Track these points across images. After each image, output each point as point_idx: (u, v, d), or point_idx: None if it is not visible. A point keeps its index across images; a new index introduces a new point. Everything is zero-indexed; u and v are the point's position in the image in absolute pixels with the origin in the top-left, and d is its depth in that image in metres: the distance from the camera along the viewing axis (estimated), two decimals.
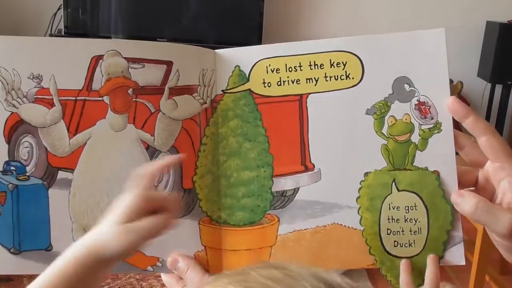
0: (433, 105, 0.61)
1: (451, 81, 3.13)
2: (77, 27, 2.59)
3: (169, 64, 0.62)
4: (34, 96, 0.59)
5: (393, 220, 0.61)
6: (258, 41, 2.59)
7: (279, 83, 0.63)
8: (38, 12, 2.71)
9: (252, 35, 2.59)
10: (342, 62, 0.62)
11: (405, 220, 0.61)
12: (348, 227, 0.62)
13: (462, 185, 0.59)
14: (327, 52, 0.63)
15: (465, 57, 2.85)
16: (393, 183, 0.61)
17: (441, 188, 0.60)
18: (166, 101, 0.62)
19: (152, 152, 0.62)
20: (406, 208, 0.61)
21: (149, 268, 0.63)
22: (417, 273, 0.61)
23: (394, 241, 0.61)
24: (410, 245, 0.61)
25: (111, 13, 2.59)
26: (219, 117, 0.64)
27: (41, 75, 0.59)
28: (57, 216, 0.60)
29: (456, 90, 2.64)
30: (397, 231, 0.61)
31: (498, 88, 2.91)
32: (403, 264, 0.61)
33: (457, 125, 0.60)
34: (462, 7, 2.88)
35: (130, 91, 0.61)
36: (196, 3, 2.61)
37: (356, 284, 0.41)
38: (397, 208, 0.61)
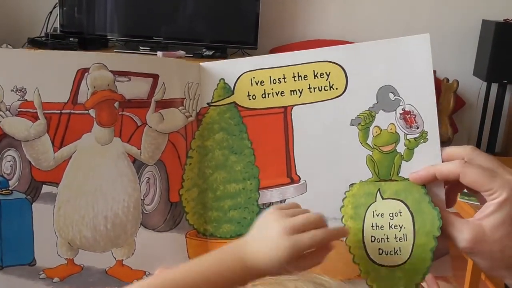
0: (418, 114, 0.60)
1: (447, 80, 3.11)
2: (72, 26, 2.57)
3: (155, 77, 0.61)
4: (18, 109, 0.58)
5: (377, 227, 0.59)
6: (254, 41, 2.57)
7: (263, 95, 0.63)
8: (33, 11, 2.69)
9: (248, 35, 2.57)
10: (326, 73, 0.62)
11: (390, 227, 0.59)
12: None
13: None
14: (310, 63, 0.63)
15: (461, 55, 2.85)
16: (378, 192, 0.60)
17: (428, 195, 0.58)
18: (152, 114, 0.62)
19: (139, 166, 0.61)
20: (391, 214, 0.59)
21: (135, 282, 0.62)
22: (406, 283, 0.58)
23: (379, 248, 0.59)
24: (395, 252, 0.58)
25: (107, 12, 2.58)
26: (205, 130, 0.64)
27: (25, 88, 0.58)
28: (41, 231, 0.59)
29: (452, 88, 2.63)
30: (381, 238, 0.59)
31: (494, 87, 2.91)
32: None
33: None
34: (458, 6, 2.87)
35: (116, 104, 0.60)
36: (192, 3, 2.60)
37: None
38: (381, 215, 0.59)
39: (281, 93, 0.63)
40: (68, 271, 0.60)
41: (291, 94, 0.63)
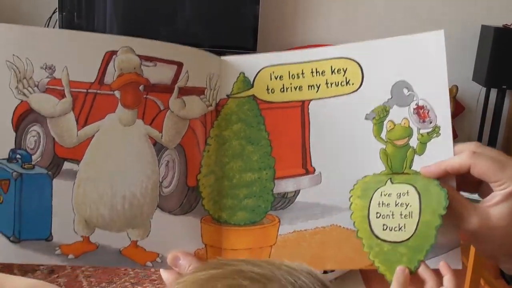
0: (431, 109, 0.63)
1: None
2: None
3: (179, 65, 0.63)
4: (46, 86, 0.60)
5: (383, 205, 0.60)
6: (253, 45, 2.56)
7: (282, 89, 0.65)
8: (33, 16, 2.69)
9: (247, 38, 2.57)
10: (343, 69, 0.65)
11: (396, 205, 0.60)
12: (347, 228, 0.63)
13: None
14: (328, 59, 0.65)
15: (460, 61, 2.85)
16: (389, 179, 0.62)
17: (437, 180, 0.60)
18: (175, 100, 0.63)
19: (159, 149, 0.63)
20: (398, 194, 0.60)
21: (148, 263, 0.63)
22: (408, 259, 0.59)
23: (383, 224, 0.60)
24: (400, 229, 0.59)
25: (106, 17, 2.59)
26: (223, 120, 0.66)
27: (54, 66, 0.60)
28: (59, 207, 0.60)
29: (451, 94, 2.65)
30: (386, 215, 0.60)
31: (493, 92, 2.90)
32: (397, 272, 0.59)
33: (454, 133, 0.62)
34: (457, 11, 2.88)
35: (141, 87, 0.62)
36: (191, 7, 2.60)
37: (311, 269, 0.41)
38: (388, 195, 0.61)
39: (299, 88, 0.65)
40: (83, 249, 0.61)
41: (309, 89, 0.65)
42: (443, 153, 0.61)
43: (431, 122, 0.63)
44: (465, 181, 0.61)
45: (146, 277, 2.18)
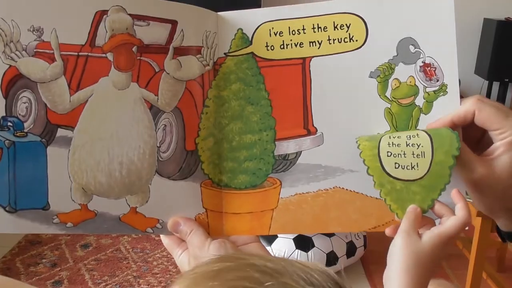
0: (439, 67, 0.61)
1: None
2: None
3: (174, 23, 0.61)
4: (34, 50, 0.57)
5: (394, 145, 0.59)
6: None
7: (282, 46, 0.63)
8: None
9: None
10: (346, 24, 0.62)
11: (407, 145, 0.58)
12: (350, 190, 0.62)
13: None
14: (330, 14, 0.62)
15: (462, 54, 2.83)
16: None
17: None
18: (170, 61, 0.61)
19: (155, 112, 0.61)
20: (408, 136, 0.59)
21: (149, 229, 0.62)
22: (422, 198, 0.58)
23: (395, 163, 0.58)
24: (412, 167, 0.58)
25: None
26: (221, 80, 0.63)
27: (42, 28, 0.57)
28: (55, 175, 0.58)
29: None
30: (398, 154, 0.58)
31: (495, 86, 2.92)
32: (408, 211, 0.58)
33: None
34: (459, 4, 2.86)
35: (134, 48, 0.59)
36: (193, 2, 2.56)
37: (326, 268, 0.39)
38: (398, 137, 0.59)
39: (300, 44, 0.63)
40: (81, 217, 0.60)
41: (310, 46, 0.63)
42: (449, 112, 0.59)
43: (437, 80, 0.61)
44: (465, 138, 0.60)
45: (148, 271, 2.20)
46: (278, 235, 1.97)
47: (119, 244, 2.39)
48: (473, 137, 0.60)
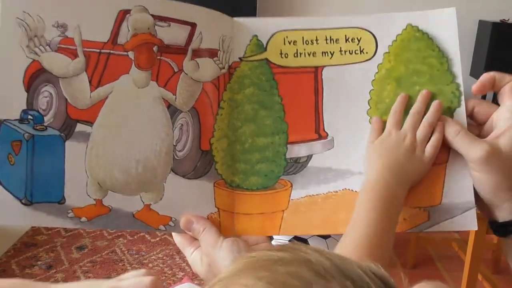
0: None
1: None
2: None
3: (193, 25, 0.62)
4: (58, 45, 0.58)
5: None
6: None
7: (295, 54, 0.65)
8: None
9: None
10: (357, 38, 0.65)
11: None
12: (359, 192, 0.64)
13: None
14: (342, 28, 0.65)
15: None
16: None
17: None
18: (189, 62, 0.62)
19: (173, 111, 0.62)
20: None
21: (161, 227, 0.62)
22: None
23: None
24: None
25: None
26: (235, 84, 0.65)
27: (66, 24, 0.58)
28: (72, 169, 0.59)
29: None
30: None
31: None
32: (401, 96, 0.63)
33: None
34: (454, 6, 2.88)
35: (155, 48, 0.61)
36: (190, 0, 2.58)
37: (381, 271, 0.37)
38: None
39: (313, 54, 0.65)
40: (96, 212, 0.60)
41: (322, 56, 0.65)
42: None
43: None
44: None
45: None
46: (274, 236, 1.97)
47: (114, 246, 2.38)
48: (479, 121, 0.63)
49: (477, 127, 0.63)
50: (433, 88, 0.64)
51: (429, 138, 0.62)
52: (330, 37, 0.66)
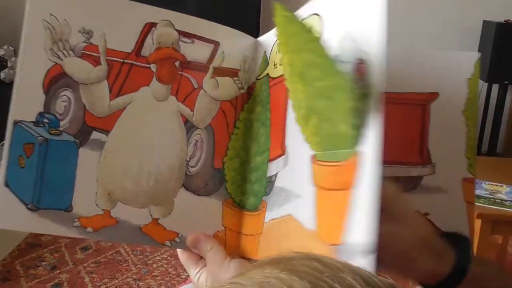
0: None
1: None
2: None
3: (216, 44, 0.63)
4: (81, 51, 0.58)
5: None
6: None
7: (280, 63, 0.61)
8: None
9: (249, 33, 2.58)
10: None
11: None
12: (297, 220, 0.55)
13: None
14: None
15: None
16: None
17: None
18: (209, 80, 0.62)
19: (189, 127, 0.62)
20: None
21: (167, 242, 0.61)
22: None
23: None
24: None
25: None
26: (252, 104, 0.65)
27: (92, 31, 0.58)
28: (83, 177, 0.58)
29: None
30: None
31: (495, 88, 2.92)
32: None
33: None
34: (459, 7, 2.85)
35: (177, 63, 0.61)
36: (193, 6, 2.57)
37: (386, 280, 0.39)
38: None
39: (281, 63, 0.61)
40: (103, 223, 0.59)
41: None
42: None
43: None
44: None
45: (148, 273, 2.16)
46: None
47: (119, 246, 2.36)
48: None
49: None
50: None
51: None
52: None
